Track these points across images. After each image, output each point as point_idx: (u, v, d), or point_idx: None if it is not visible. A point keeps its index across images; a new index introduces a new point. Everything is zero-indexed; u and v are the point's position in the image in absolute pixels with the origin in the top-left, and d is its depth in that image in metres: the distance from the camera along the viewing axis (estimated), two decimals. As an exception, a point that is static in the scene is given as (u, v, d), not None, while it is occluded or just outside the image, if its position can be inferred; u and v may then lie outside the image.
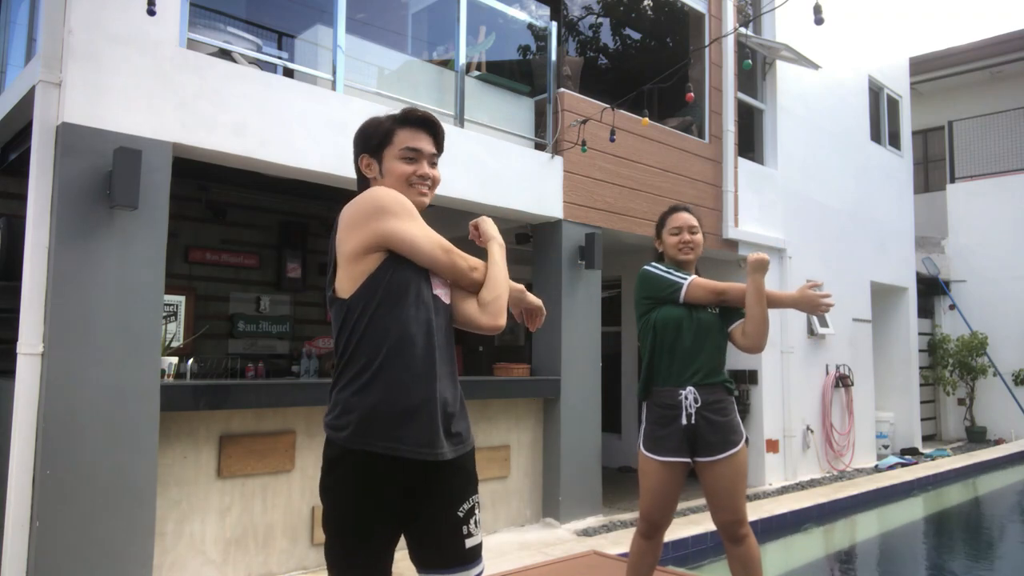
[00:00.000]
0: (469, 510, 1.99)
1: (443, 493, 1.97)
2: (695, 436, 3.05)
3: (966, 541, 6.74)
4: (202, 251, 6.90)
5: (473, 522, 2.00)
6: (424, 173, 2.08)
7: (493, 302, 2.06)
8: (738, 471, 3.05)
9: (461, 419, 2.04)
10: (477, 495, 2.04)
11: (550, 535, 5.72)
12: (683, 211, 3.32)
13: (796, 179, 8.94)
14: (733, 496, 3.04)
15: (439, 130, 2.13)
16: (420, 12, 7.45)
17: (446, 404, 1.97)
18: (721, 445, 3.04)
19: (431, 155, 2.11)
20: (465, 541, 1.96)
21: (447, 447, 1.95)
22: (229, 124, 4.43)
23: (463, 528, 1.97)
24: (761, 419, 8.00)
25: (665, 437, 3.08)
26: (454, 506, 1.97)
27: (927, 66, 14.19)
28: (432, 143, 2.12)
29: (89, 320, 3.86)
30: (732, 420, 3.10)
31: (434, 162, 2.13)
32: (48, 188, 3.87)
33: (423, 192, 2.09)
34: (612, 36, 9.19)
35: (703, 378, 3.08)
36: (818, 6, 3.94)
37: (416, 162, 2.07)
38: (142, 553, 3.94)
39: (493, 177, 5.77)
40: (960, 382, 12.66)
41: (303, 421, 4.80)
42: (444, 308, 2.04)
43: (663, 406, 3.11)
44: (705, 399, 3.07)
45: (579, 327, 6.31)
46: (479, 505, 2.04)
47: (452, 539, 1.96)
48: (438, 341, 1.98)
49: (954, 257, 13.45)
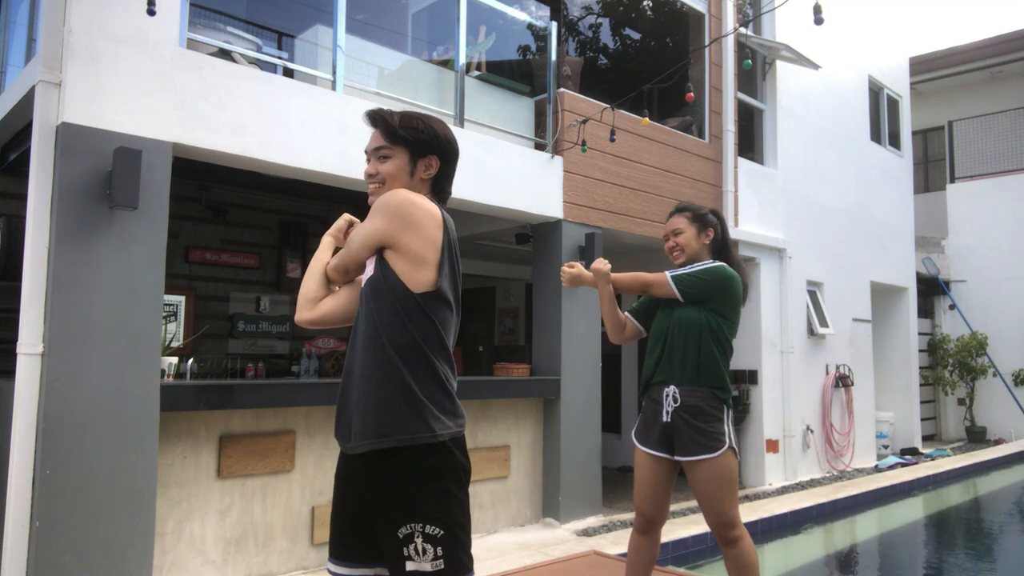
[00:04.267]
0: (408, 535, 1.87)
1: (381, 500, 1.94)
2: (672, 434, 3.10)
3: (966, 541, 6.74)
4: (202, 251, 6.90)
5: (414, 549, 1.86)
6: (367, 171, 2.12)
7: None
8: (719, 476, 3.02)
9: (358, 417, 1.96)
10: (424, 524, 1.87)
11: (550, 535, 5.72)
12: (674, 214, 3.34)
13: (796, 179, 8.94)
14: (714, 501, 3.04)
15: (379, 121, 2.10)
16: (420, 12, 7.45)
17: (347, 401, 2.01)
18: (695, 448, 3.03)
19: (375, 150, 2.10)
20: (405, 564, 1.87)
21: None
22: (229, 124, 4.43)
23: (403, 550, 1.87)
24: (761, 419, 8.00)
25: (650, 430, 3.17)
26: (393, 523, 1.89)
27: (927, 66, 14.19)
28: (378, 136, 2.10)
29: (89, 320, 3.86)
30: (710, 427, 3.03)
31: (382, 155, 2.10)
32: (48, 188, 3.87)
33: (372, 191, 2.12)
34: (612, 36, 9.19)
35: (686, 380, 3.09)
36: (818, 6, 3.93)
37: (368, 162, 2.13)
38: (142, 553, 3.94)
39: (493, 177, 5.77)
40: (960, 382, 12.66)
41: (303, 421, 4.80)
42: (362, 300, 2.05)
43: (652, 400, 3.19)
44: (685, 401, 3.08)
45: (579, 327, 6.31)
46: (424, 535, 1.86)
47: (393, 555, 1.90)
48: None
49: (954, 257, 13.45)
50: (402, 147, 2.09)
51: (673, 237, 3.29)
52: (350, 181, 4.96)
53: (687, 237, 3.26)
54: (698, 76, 7.87)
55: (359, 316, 2.03)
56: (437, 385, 1.95)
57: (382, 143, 2.09)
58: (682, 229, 3.27)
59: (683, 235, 3.26)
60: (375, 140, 2.11)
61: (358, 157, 2.10)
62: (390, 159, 2.09)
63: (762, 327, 8.09)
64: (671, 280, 3.16)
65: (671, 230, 3.31)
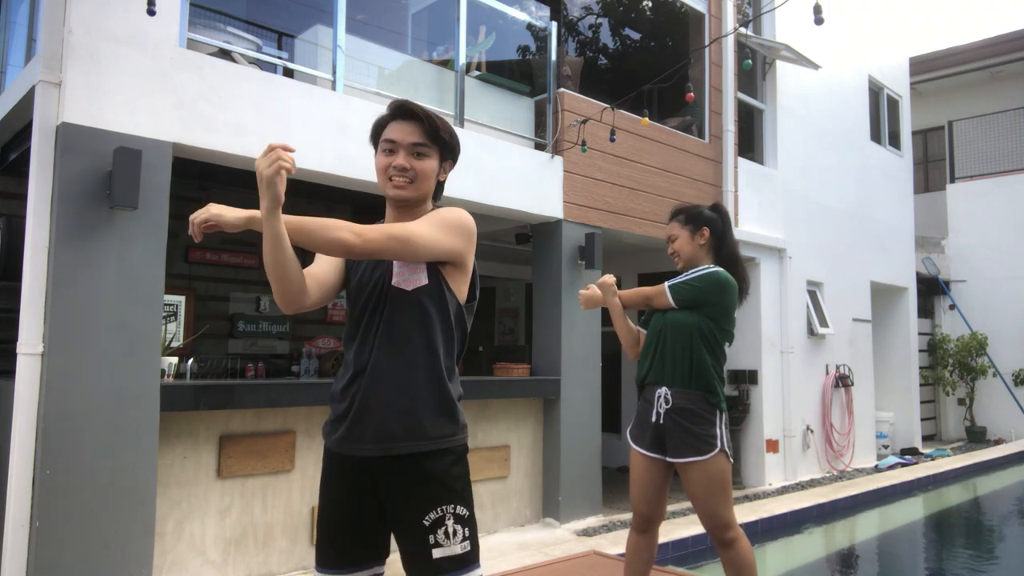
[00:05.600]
0: (438, 519, 1.92)
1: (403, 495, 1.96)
2: (664, 436, 3.11)
3: (966, 541, 6.74)
4: (202, 251, 6.90)
5: (443, 533, 1.91)
6: (398, 164, 2.02)
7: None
8: (711, 479, 3.02)
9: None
10: (455, 504, 1.95)
11: (550, 535, 5.72)
12: (669, 220, 3.38)
13: (796, 179, 8.94)
14: (707, 503, 3.04)
15: (421, 118, 2.04)
16: (420, 12, 7.45)
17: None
18: (685, 450, 3.04)
19: (412, 144, 2.02)
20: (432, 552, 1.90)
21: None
22: (229, 124, 4.43)
23: (429, 538, 1.91)
24: (761, 419, 8.00)
25: (644, 431, 3.19)
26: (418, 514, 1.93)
27: (927, 66, 14.19)
28: (417, 132, 2.03)
29: (89, 320, 3.86)
30: (700, 430, 3.04)
31: (419, 152, 2.04)
32: (48, 188, 3.87)
33: (399, 185, 2.03)
34: (612, 36, 9.19)
35: (677, 382, 3.10)
36: (818, 6, 3.94)
37: (393, 153, 2.03)
38: (142, 553, 3.94)
39: (493, 177, 5.77)
40: (960, 382, 12.66)
41: (303, 421, 4.80)
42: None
43: (645, 401, 3.22)
44: (676, 403, 3.09)
45: (579, 327, 6.31)
46: (455, 515, 1.94)
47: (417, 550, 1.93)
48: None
49: (954, 257, 13.45)
50: (437, 149, 2.08)
51: (670, 244, 3.33)
52: (350, 181, 4.96)
53: (681, 242, 3.28)
54: (698, 76, 7.87)
55: (396, 320, 1.98)
56: (459, 389, 2.08)
57: (422, 140, 2.05)
58: (676, 235, 3.30)
59: (678, 240, 3.29)
60: (413, 135, 2.04)
61: (358, 157, 2.10)
62: (427, 158, 2.06)
63: (762, 327, 8.09)
64: (667, 291, 3.21)
65: (667, 236, 3.35)
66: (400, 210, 2.08)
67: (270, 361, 6.94)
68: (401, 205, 2.08)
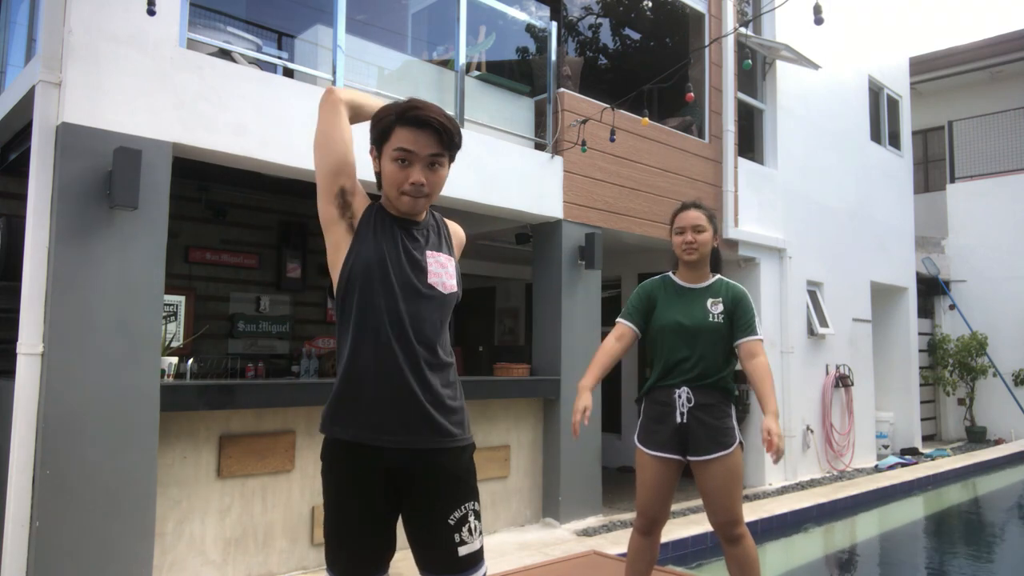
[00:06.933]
0: (463, 517, 1.93)
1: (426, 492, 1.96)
2: (686, 435, 3.09)
3: (966, 541, 6.74)
4: (202, 251, 6.90)
5: (467, 530, 1.92)
6: (416, 181, 1.91)
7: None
8: (730, 473, 3.05)
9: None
10: (474, 501, 1.98)
11: (550, 535, 5.72)
12: (691, 208, 3.22)
13: (796, 179, 8.93)
14: (726, 497, 3.05)
15: (442, 130, 1.91)
16: (420, 12, 7.45)
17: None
18: (711, 446, 3.05)
19: (430, 156, 1.92)
20: (458, 549, 1.92)
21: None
22: (229, 124, 4.43)
23: (455, 536, 1.91)
24: (761, 419, 7.98)
25: (658, 432, 3.14)
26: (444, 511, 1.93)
27: (927, 66, 14.19)
28: (436, 142, 1.91)
29: (89, 320, 3.86)
30: (724, 423, 3.09)
31: (436, 162, 1.94)
32: (48, 188, 3.87)
33: (415, 200, 1.95)
34: (612, 36, 9.19)
35: (697, 379, 3.10)
36: (818, 6, 3.93)
37: (409, 165, 1.91)
38: (142, 553, 3.94)
39: (493, 177, 5.77)
40: (960, 382, 12.66)
41: (303, 421, 4.80)
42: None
43: (659, 403, 3.17)
44: (699, 400, 3.09)
45: (579, 327, 6.31)
46: (475, 511, 1.96)
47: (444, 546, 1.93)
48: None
49: (954, 257, 13.45)
50: (449, 154, 1.97)
51: (693, 233, 3.16)
52: (350, 181, 4.94)
53: (707, 237, 3.18)
54: (698, 76, 7.87)
55: (427, 319, 1.95)
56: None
57: (438, 150, 1.93)
58: (704, 227, 3.17)
59: (705, 233, 3.17)
60: (429, 146, 1.91)
61: (357, 157, 2.08)
62: (442, 167, 1.96)
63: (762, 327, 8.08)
64: (758, 337, 3.17)
65: (691, 226, 3.16)
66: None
67: (270, 361, 6.95)
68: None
